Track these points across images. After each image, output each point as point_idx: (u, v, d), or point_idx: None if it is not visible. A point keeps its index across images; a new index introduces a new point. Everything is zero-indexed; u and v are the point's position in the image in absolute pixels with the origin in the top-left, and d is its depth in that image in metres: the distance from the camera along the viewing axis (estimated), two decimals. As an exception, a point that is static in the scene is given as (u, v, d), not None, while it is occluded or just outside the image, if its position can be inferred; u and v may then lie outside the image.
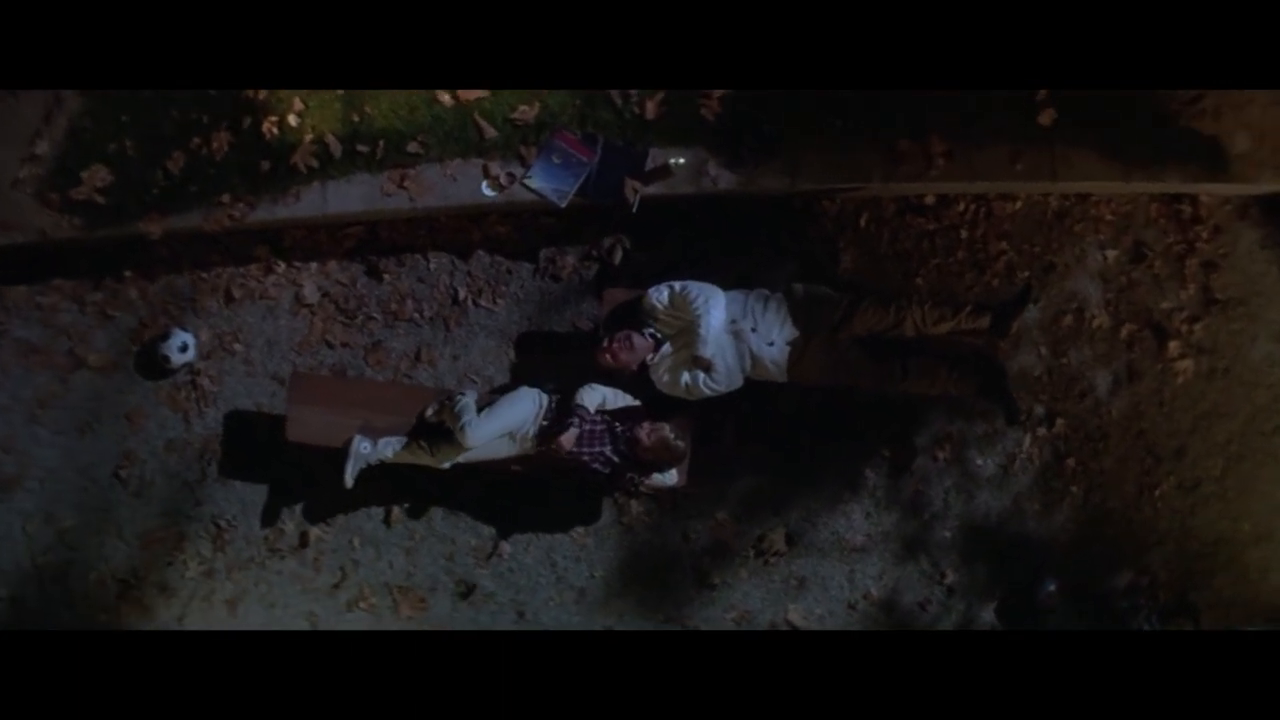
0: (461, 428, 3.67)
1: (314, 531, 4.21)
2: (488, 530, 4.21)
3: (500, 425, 3.73)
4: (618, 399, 3.80)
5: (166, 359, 4.11)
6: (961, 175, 3.83)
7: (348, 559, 4.21)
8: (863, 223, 4.06)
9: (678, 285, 3.71)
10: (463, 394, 3.83)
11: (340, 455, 3.85)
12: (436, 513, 4.21)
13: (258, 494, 4.23)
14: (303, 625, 4.21)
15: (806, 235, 4.07)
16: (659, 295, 3.73)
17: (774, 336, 3.66)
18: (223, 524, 4.22)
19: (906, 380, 3.70)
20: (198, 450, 4.23)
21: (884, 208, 4.06)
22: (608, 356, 3.72)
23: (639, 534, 4.18)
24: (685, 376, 3.71)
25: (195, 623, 4.21)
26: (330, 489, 3.98)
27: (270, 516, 4.22)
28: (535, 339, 4.15)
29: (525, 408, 3.77)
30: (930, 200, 4.04)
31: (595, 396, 3.75)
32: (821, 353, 3.66)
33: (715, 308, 3.62)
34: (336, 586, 4.22)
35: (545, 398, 3.81)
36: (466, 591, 4.19)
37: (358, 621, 4.21)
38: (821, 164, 3.81)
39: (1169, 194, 3.98)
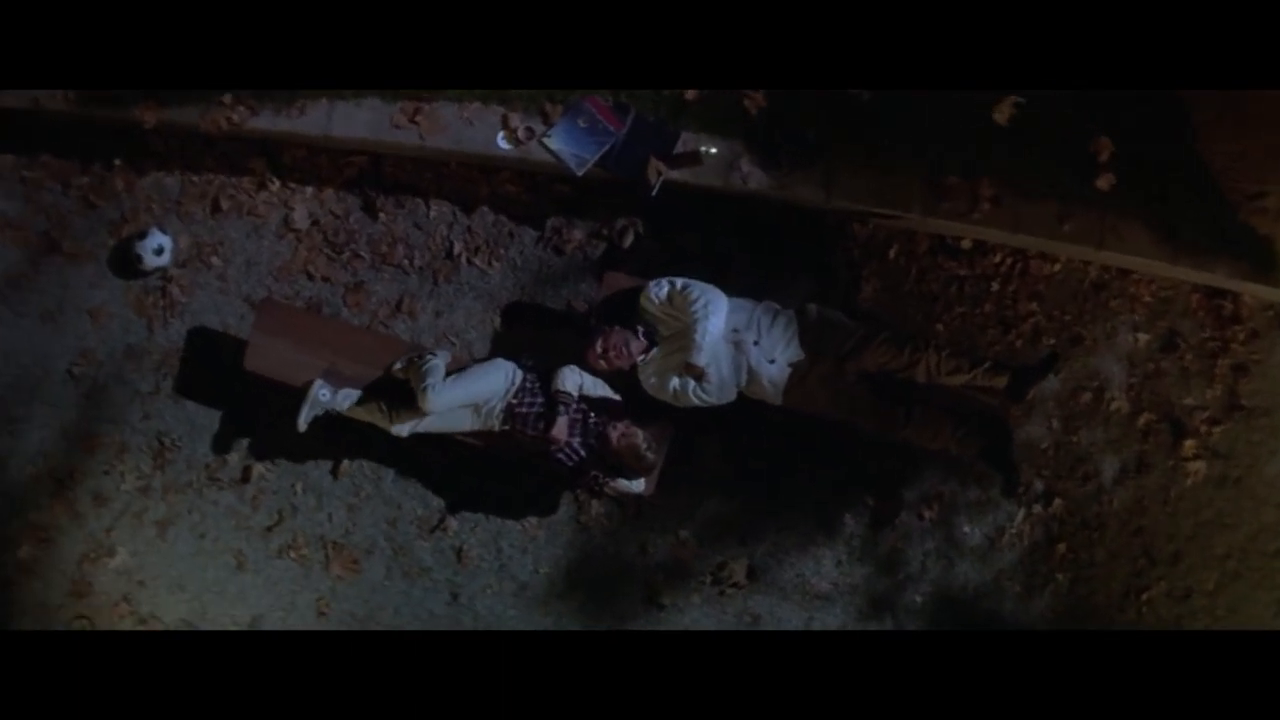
0: (424, 389, 3.43)
1: (258, 468, 4.00)
2: (437, 502, 3.98)
3: (465, 395, 3.50)
4: (596, 387, 3.57)
5: (140, 259, 3.90)
6: (1005, 224, 3.61)
7: (287, 503, 3.99)
8: (892, 254, 3.83)
9: (679, 283, 3.47)
10: (434, 354, 3.59)
11: (298, 396, 3.63)
12: (388, 474, 3.98)
13: (208, 418, 4.01)
14: (229, 562, 4.00)
15: (831, 255, 3.84)
16: (658, 290, 3.49)
17: (777, 354, 3.42)
18: (167, 442, 4.01)
19: (908, 428, 3.46)
20: (156, 361, 4.02)
21: (917, 243, 3.83)
22: (601, 362, 3.49)
23: (594, 536, 3.95)
24: (674, 382, 3.47)
25: (123, 538, 4.01)
26: (282, 427, 3.76)
27: (216, 444, 4.01)
28: (524, 310, 3.92)
29: (495, 380, 3.53)
30: (966, 245, 3.81)
31: (574, 380, 3.52)
32: (824, 381, 3.42)
33: (715, 313, 3.38)
34: (270, 529, 4.00)
35: (519, 373, 3.58)
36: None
37: (285, 569, 4.00)
38: (861, 183, 3.58)
39: (1213, 287, 3.79)
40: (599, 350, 3.47)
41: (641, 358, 3.51)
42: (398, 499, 3.98)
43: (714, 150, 3.48)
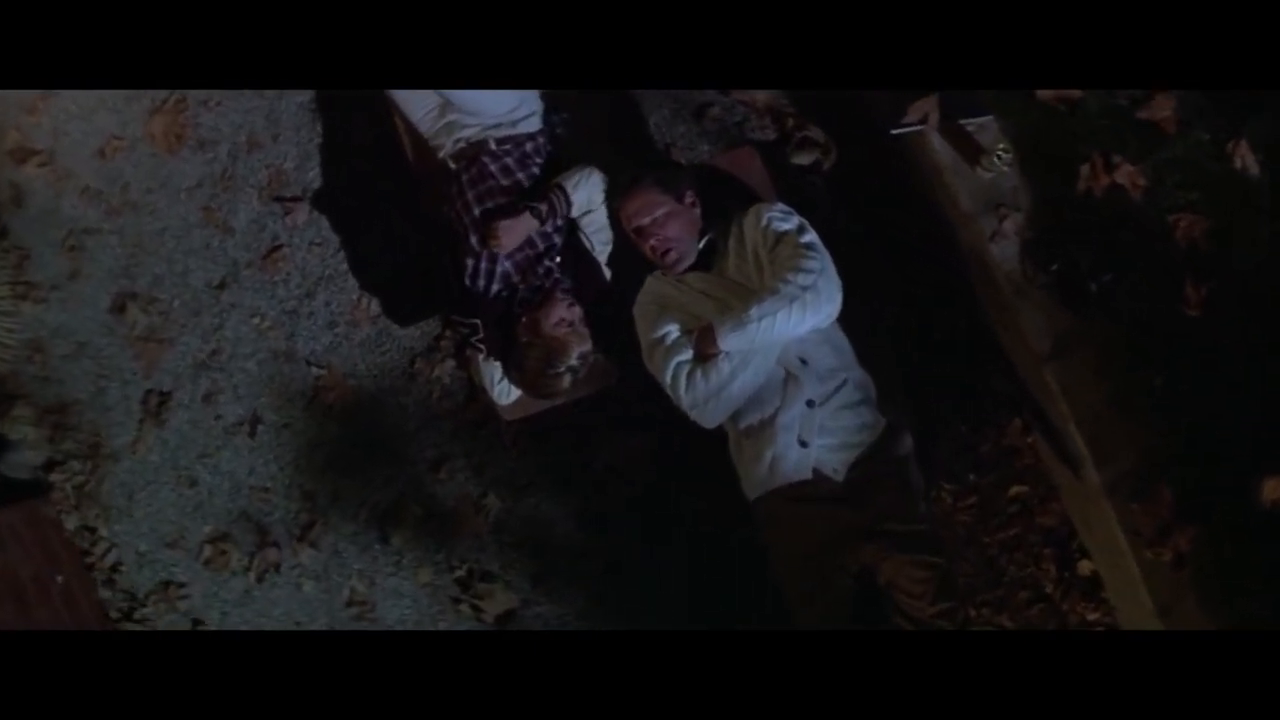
0: None
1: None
2: (312, 178, 2.78)
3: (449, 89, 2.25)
4: (599, 235, 2.34)
5: None
6: (1163, 592, 2.39)
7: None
8: (1012, 493, 2.59)
9: (809, 237, 2.16)
10: None
11: None
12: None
13: None
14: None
15: (964, 423, 2.58)
16: (783, 221, 2.19)
17: (816, 440, 2.14)
18: None
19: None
20: None
21: (1045, 513, 2.56)
22: (635, 215, 2.22)
23: (409, 396, 2.69)
24: (672, 329, 2.19)
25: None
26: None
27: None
28: (621, 107, 2.64)
29: (501, 100, 2.29)
30: (1085, 569, 2.58)
31: (589, 195, 2.28)
32: (821, 525, 2.11)
33: (811, 312, 2.08)
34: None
35: (536, 124, 2.35)
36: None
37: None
38: (1090, 392, 2.33)
39: None
40: (658, 193, 2.22)
41: (678, 263, 2.25)
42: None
43: (1008, 158, 2.21)
